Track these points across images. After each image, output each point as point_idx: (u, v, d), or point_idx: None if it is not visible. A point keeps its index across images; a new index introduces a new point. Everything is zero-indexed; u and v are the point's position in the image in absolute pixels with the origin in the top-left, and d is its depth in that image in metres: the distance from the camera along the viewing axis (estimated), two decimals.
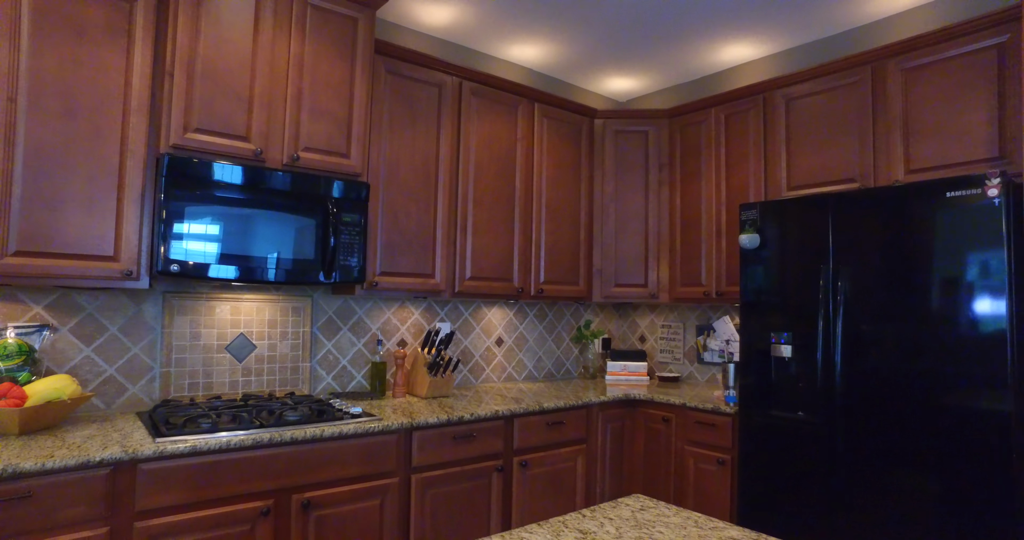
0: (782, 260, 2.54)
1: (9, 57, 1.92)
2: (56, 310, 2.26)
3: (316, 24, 2.47)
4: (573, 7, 2.97)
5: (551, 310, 3.76)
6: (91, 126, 2.06)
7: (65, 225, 2.01)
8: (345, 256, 2.43)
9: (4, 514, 1.61)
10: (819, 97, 2.85)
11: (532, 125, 3.28)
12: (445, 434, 2.45)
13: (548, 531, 1.23)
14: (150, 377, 2.44)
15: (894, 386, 2.19)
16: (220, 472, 1.95)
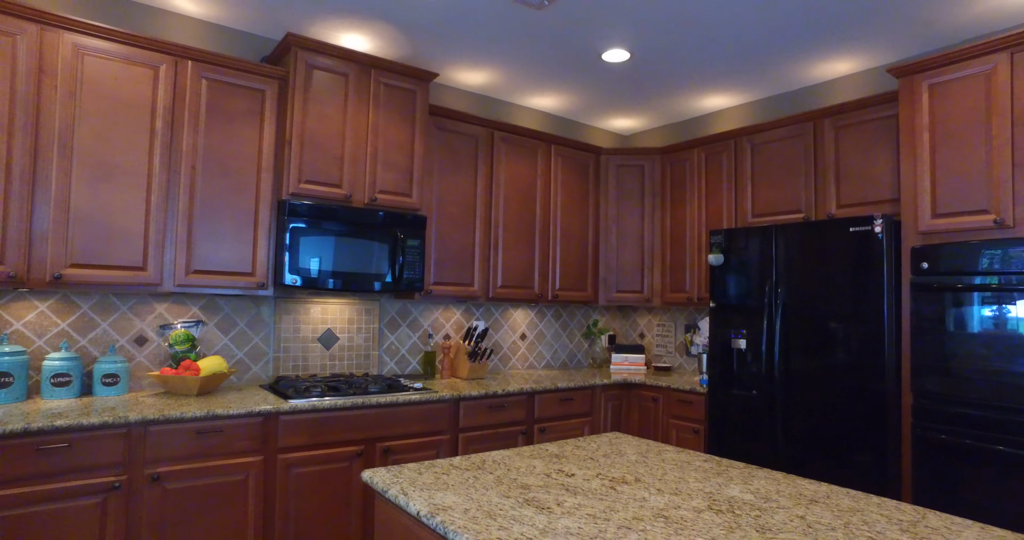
0: (739, 274, 3.33)
1: (192, 138, 2.80)
2: (205, 310, 3.14)
3: (386, 98, 3.32)
4: (579, 70, 3.79)
5: (565, 311, 4.58)
6: (237, 182, 2.93)
7: (220, 251, 2.88)
8: (409, 271, 3.28)
9: (207, 440, 2.48)
10: (775, 144, 3.63)
11: (549, 163, 4.10)
12: (483, 404, 3.28)
13: (556, 445, 2.05)
14: (266, 360, 3.31)
15: (815, 369, 2.97)
16: (328, 425, 2.80)
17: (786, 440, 3.07)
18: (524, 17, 3.10)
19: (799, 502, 1.51)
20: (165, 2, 3.04)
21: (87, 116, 2.59)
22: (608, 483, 1.63)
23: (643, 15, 3.04)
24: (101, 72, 2.62)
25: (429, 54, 3.58)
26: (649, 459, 1.90)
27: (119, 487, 2.32)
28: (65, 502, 2.22)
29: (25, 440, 2.15)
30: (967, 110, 2.65)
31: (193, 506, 2.46)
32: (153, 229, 2.73)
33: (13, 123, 2.42)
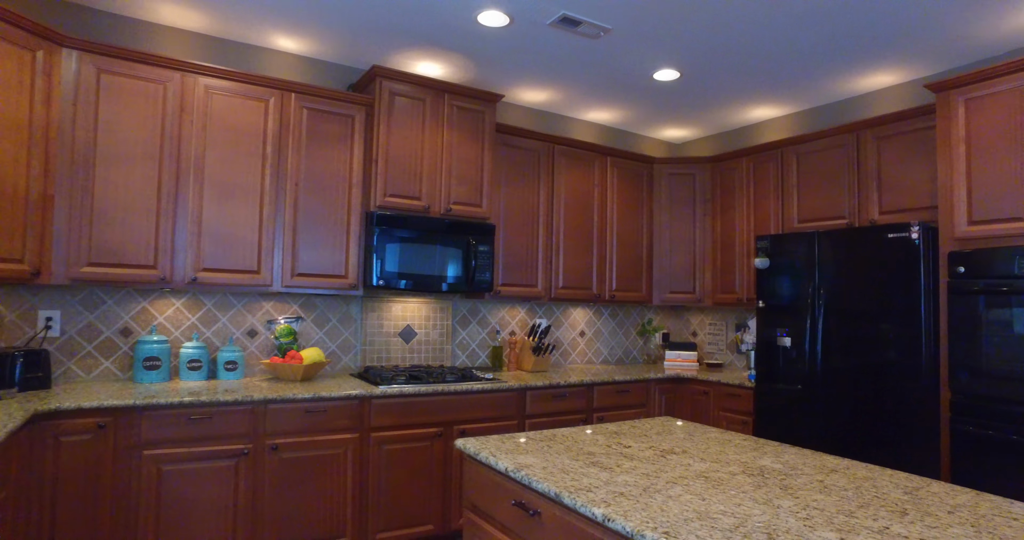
0: (784, 277, 3.57)
1: (295, 160, 3.26)
2: (303, 307, 3.62)
3: (458, 119, 3.72)
4: (631, 88, 4.10)
5: (621, 310, 4.89)
6: (331, 196, 3.38)
7: (318, 257, 3.33)
8: (481, 273, 3.66)
9: (313, 418, 2.93)
10: (820, 154, 3.85)
11: (605, 173, 4.42)
12: (547, 394, 3.64)
13: (615, 425, 2.38)
14: (354, 352, 3.76)
15: (855, 365, 3.20)
16: (412, 408, 3.21)
17: (828, 432, 3.30)
18: (581, 45, 3.44)
19: (821, 471, 1.80)
20: (271, 42, 3.53)
21: (214, 144, 3.08)
22: (659, 453, 1.96)
23: (691, 40, 3.33)
24: (224, 107, 3.11)
25: (495, 77, 3.96)
26: (695, 437, 2.21)
27: (247, 453, 2.79)
28: (208, 462, 2.70)
29: (180, 411, 2.64)
30: (1001, 123, 2.84)
31: (303, 472, 2.91)
32: (265, 238, 3.20)
33: (163, 154, 2.93)
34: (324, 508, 2.96)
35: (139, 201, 2.90)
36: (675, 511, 1.40)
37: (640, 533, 1.28)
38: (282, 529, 2.86)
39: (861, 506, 1.47)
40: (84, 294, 3.08)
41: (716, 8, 2.98)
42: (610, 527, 1.37)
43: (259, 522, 2.81)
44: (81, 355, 3.07)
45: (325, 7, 3.08)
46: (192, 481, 2.68)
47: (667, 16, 3.07)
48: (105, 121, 2.84)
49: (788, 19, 3.07)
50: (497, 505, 1.84)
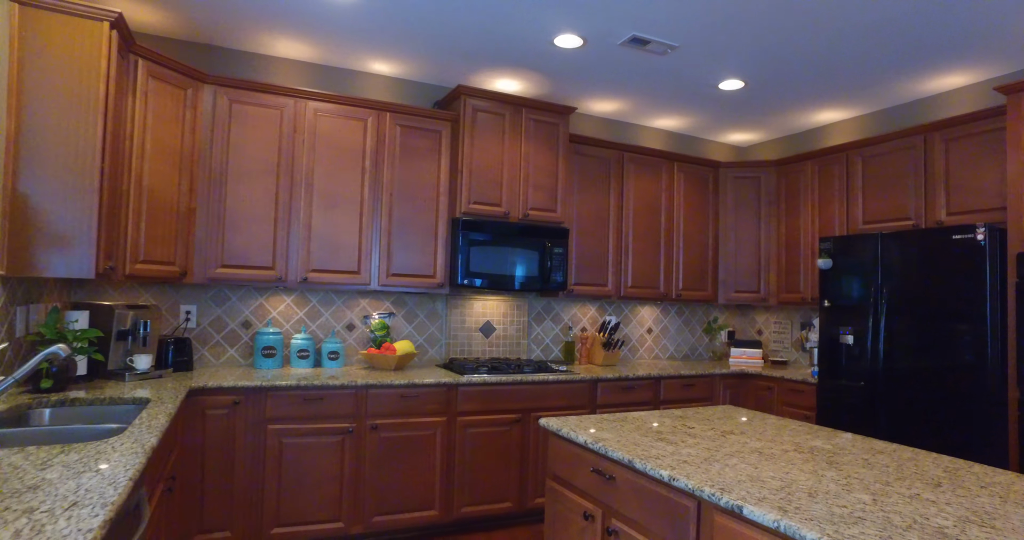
0: (847, 277, 3.70)
1: (390, 172, 3.66)
2: (395, 304, 4.02)
3: (535, 131, 4.03)
4: (697, 97, 4.29)
5: (687, 309, 5.08)
6: (421, 205, 3.76)
7: (409, 259, 3.72)
8: (556, 273, 3.96)
9: (407, 403, 3.31)
10: (886, 157, 3.93)
11: (672, 178, 4.63)
12: (616, 386, 3.90)
13: (680, 411, 2.63)
14: (440, 345, 4.14)
15: (918, 364, 3.30)
16: (494, 396, 3.54)
17: (890, 429, 3.41)
18: (649, 61, 3.69)
19: (867, 451, 2.00)
20: (367, 67, 3.95)
21: (320, 160, 3.51)
22: (719, 433, 2.20)
23: (755, 52, 3.51)
24: (330, 127, 3.54)
25: (568, 91, 4.25)
26: (754, 422, 2.44)
27: (351, 431, 3.20)
28: (320, 437, 3.12)
29: (296, 393, 3.07)
30: None
31: (398, 450, 3.30)
32: (364, 242, 3.61)
33: (279, 170, 3.39)
34: (416, 482, 3.34)
35: (260, 211, 3.37)
36: (730, 475, 1.66)
37: (699, 489, 1.55)
38: (381, 498, 3.25)
39: (899, 479, 1.68)
40: (214, 292, 3.58)
41: (780, 24, 3.16)
42: (675, 485, 1.64)
43: (361, 490, 3.22)
44: (212, 344, 3.57)
45: (415, 35, 3.45)
46: (307, 452, 3.10)
47: (732, 32, 3.28)
48: (234, 143, 3.31)
49: (854, 29, 3.21)
50: (576, 473, 2.14)
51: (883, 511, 1.40)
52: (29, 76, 2.37)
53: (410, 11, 3.15)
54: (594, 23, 3.22)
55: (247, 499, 3.00)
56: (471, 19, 3.22)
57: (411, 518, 3.32)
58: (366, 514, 3.22)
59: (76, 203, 2.43)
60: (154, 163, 2.97)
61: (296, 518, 3.08)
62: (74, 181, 2.42)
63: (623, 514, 1.89)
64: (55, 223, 2.40)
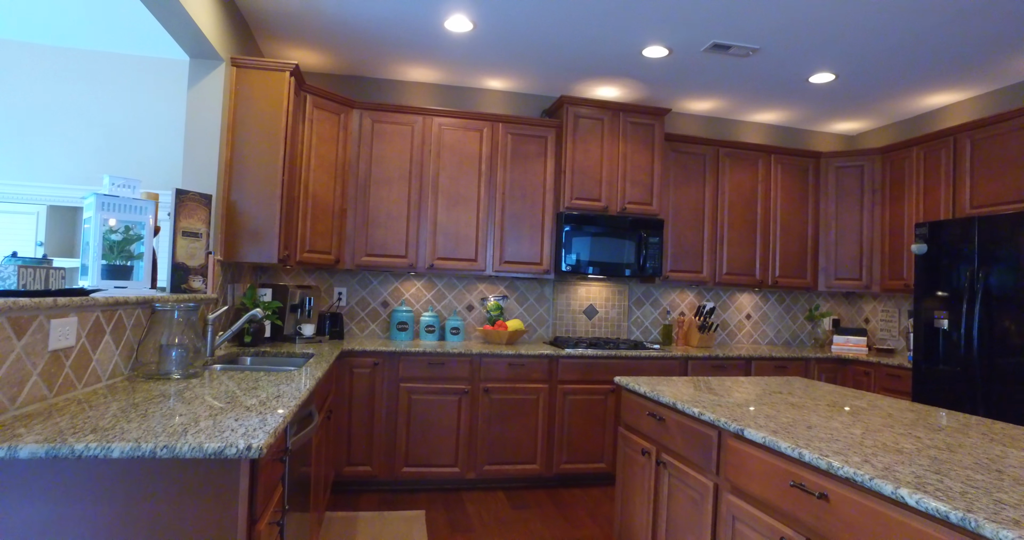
0: (942, 262, 3.74)
1: (503, 175, 4.26)
2: (508, 288, 4.62)
3: (631, 132, 4.44)
4: (789, 92, 4.47)
5: (788, 296, 5.22)
6: (530, 202, 4.32)
7: (519, 248, 4.29)
8: (651, 261, 4.36)
9: (515, 371, 3.89)
10: (999, 138, 3.88)
11: (768, 170, 4.82)
12: (706, 364, 4.21)
13: (742, 377, 2.96)
14: (547, 325, 4.68)
15: (1012, 348, 3.32)
16: (591, 368, 4.02)
17: (984, 413, 3.45)
18: (733, 63, 3.97)
19: (897, 409, 2.26)
20: (483, 84, 4.58)
21: (444, 167, 4.19)
22: (767, 392, 2.54)
23: (841, 46, 3.69)
24: (452, 138, 4.21)
25: (662, 94, 4.61)
26: (808, 388, 2.73)
27: (467, 392, 3.83)
28: (441, 396, 3.79)
29: (423, 358, 3.77)
30: None
31: (507, 411, 3.88)
32: (480, 235, 4.24)
33: (411, 176, 4.11)
34: (521, 439, 3.91)
35: (396, 210, 4.10)
36: (751, 415, 2.04)
37: (719, 420, 1.96)
38: (491, 451, 3.86)
39: (907, 425, 1.97)
40: (360, 276, 4.39)
41: (861, 18, 3.34)
42: (702, 419, 2.06)
43: (475, 443, 3.84)
44: (357, 319, 4.38)
45: (522, 56, 4.01)
46: (431, 408, 3.78)
47: (811, 30, 3.50)
48: (376, 156, 4.08)
49: (942, 16, 3.31)
50: (639, 418, 2.59)
51: (865, 440, 1.74)
52: (239, 118, 3.24)
53: (515, 36, 3.72)
54: (676, 34, 3.59)
55: (384, 442, 3.73)
56: (567, 39, 3.72)
57: (516, 469, 3.90)
58: (478, 463, 3.84)
59: (266, 208, 3.26)
60: (317, 174, 3.79)
61: (422, 461, 3.77)
62: (265, 191, 3.26)
63: (669, 449, 2.32)
64: (252, 223, 3.25)
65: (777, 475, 1.70)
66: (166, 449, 1.33)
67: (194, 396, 1.88)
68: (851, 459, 1.50)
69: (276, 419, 1.62)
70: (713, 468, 2.02)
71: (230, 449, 1.36)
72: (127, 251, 2.37)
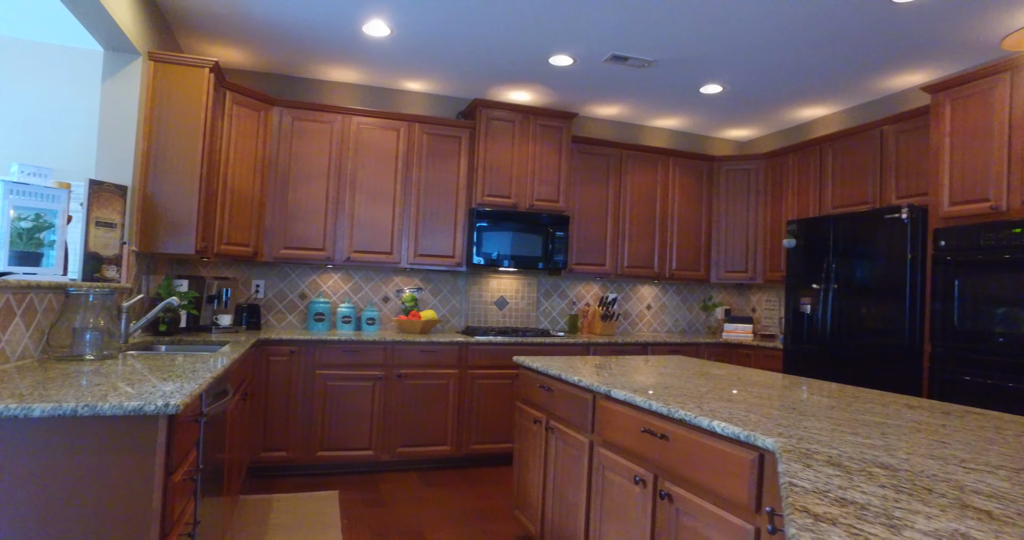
0: (806, 255, 4.24)
1: (418, 172, 4.48)
2: (423, 280, 4.84)
3: (541, 134, 4.76)
4: (684, 100, 4.91)
5: (686, 288, 5.69)
6: (444, 198, 4.56)
7: (433, 242, 4.52)
8: (557, 254, 4.68)
9: (427, 357, 4.12)
10: (852, 148, 4.43)
11: (668, 172, 5.26)
12: (608, 349, 4.58)
13: (629, 356, 3.31)
14: (460, 316, 4.94)
15: (857, 327, 3.84)
16: (499, 354, 4.30)
17: (834, 373, 3.96)
18: (634, 72, 4.35)
19: (747, 374, 2.65)
20: (402, 86, 4.79)
21: (363, 164, 4.37)
22: (647, 365, 2.88)
23: (727, 62, 4.12)
24: (370, 137, 4.39)
25: (571, 99, 4.95)
26: (683, 362, 3.10)
27: (381, 378, 4.03)
28: (355, 382, 3.97)
29: (339, 346, 3.94)
30: (976, 119, 3.39)
31: (419, 395, 4.11)
32: (397, 229, 4.45)
33: (330, 173, 4.27)
34: (433, 422, 4.14)
35: (315, 205, 4.25)
36: (623, 381, 2.37)
37: (593, 385, 2.27)
38: (404, 433, 4.07)
39: (747, 384, 2.34)
40: (278, 269, 4.50)
41: (745, 39, 3.77)
42: (581, 385, 2.37)
43: (389, 426, 4.04)
44: (275, 311, 4.49)
45: (438, 60, 4.25)
46: (347, 394, 3.96)
47: (701, 47, 3.91)
48: (296, 152, 4.21)
49: (817, 39, 3.78)
50: (532, 391, 2.88)
51: (706, 394, 2.09)
52: (156, 111, 3.32)
53: (431, 42, 3.95)
54: (579, 45, 3.93)
55: (300, 427, 3.88)
56: (480, 46, 3.99)
57: (429, 451, 4.13)
58: (392, 445, 4.05)
59: (184, 200, 3.36)
60: (237, 169, 3.89)
61: (338, 445, 3.94)
62: (183, 184, 3.35)
63: (556, 415, 2.62)
64: (170, 215, 3.34)
65: (633, 425, 2.02)
66: (87, 407, 1.49)
67: (110, 372, 2.01)
68: (687, 405, 1.82)
69: (192, 385, 1.79)
70: (589, 427, 2.33)
71: (149, 406, 1.53)
72: (36, 239, 2.45)
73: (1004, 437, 1.54)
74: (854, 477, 1.14)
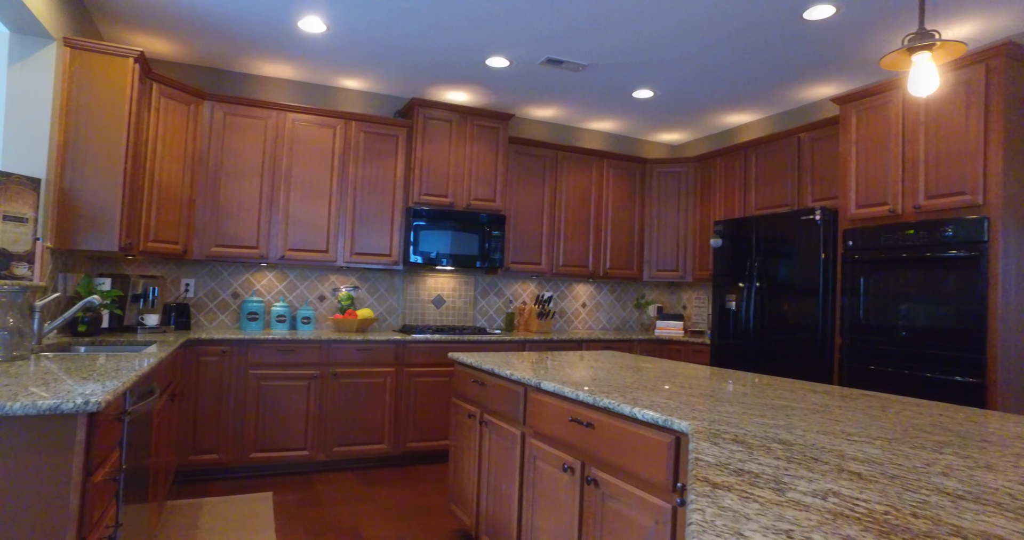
0: (731, 254, 4.46)
1: (355, 170, 4.46)
2: (360, 279, 4.82)
3: (478, 134, 4.81)
4: (618, 104, 5.07)
5: (620, 286, 5.86)
6: (380, 196, 4.55)
7: (370, 240, 4.51)
8: (492, 253, 4.75)
9: (364, 356, 4.10)
10: (773, 153, 4.69)
11: (603, 173, 5.41)
12: (543, 346, 4.68)
13: (562, 352, 3.40)
14: (397, 314, 4.93)
15: (776, 322, 4.07)
16: (436, 351, 4.33)
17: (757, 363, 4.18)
18: (569, 75, 4.46)
19: (674, 367, 2.78)
20: (340, 83, 4.75)
21: (298, 161, 4.31)
22: (581, 360, 2.98)
23: (657, 68, 4.28)
24: (306, 134, 4.34)
25: (508, 100, 5.03)
26: (613, 356, 3.21)
27: (317, 377, 3.99)
28: (290, 381, 3.92)
29: (273, 345, 3.87)
30: (876, 130, 3.66)
31: (356, 393, 4.09)
32: (333, 227, 4.41)
33: (263, 170, 4.19)
34: (370, 421, 4.13)
35: (248, 201, 4.17)
36: (554, 374, 2.45)
37: (525, 379, 2.34)
38: (340, 432, 4.05)
39: (671, 375, 2.46)
40: (209, 267, 4.38)
41: (674, 48, 3.93)
42: (514, 378, 2.43)
43: (325, 425, 4.01)
44: (206, 310, 4.38)
45: (375, 58, 4.24)
46: (281, 393, 3.90)
47: (633, 53, 4.05)
48: (229, 148, 4.12)
49: (740, 50, 3.98)
50: (466, 387, 2.93)
51: (632, 385, 2.19)
52: (74, 101, 3.18)
53: (368, 40, 3.94)
54: (515, 48, 4.00)
55: (232, 428, 3.80)
56: (418, 46, 4.01)
57: (366, 450, 4.12)
58: (328, 445, 4.02)
59: (106, 195, 3.24)
60: (164, 163, 3.78)
61: (272, 445, 3.88)
62: (105, 178, 3.23)
63: (490, 409, 2.68)
64: (90, 210, 3.21)
65: (562, 415, 2.10)
66: None
67: (21, 373, 1.94)
68: (612, 395, 1.91)
69: (115, 383, 1.75)
70: (521, 419, 2.40)
71: (67, 404, 1.50)
72: None
73: (887, 415, 1.70)
74: (754, 452, 1.24)
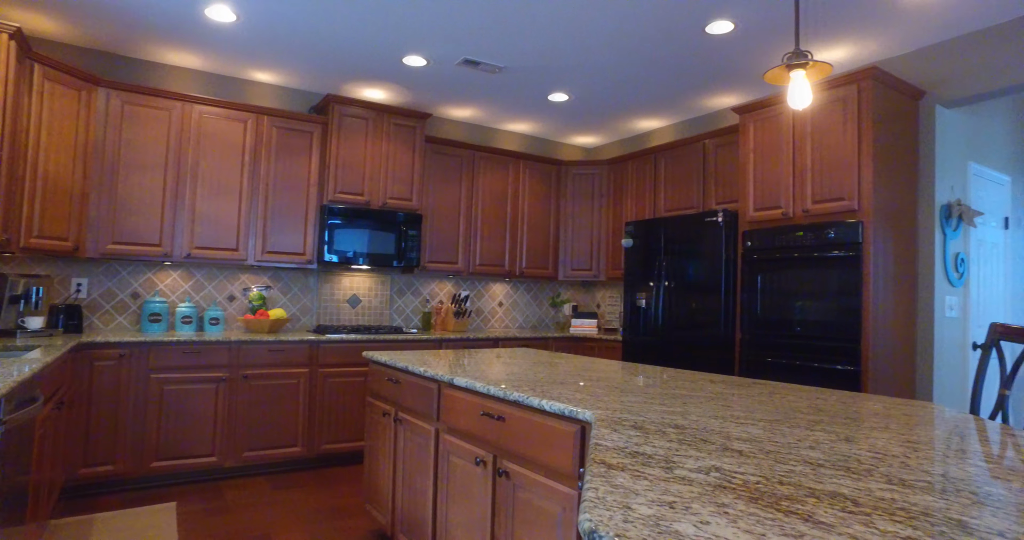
0: (641, 254, 4.66)
1: (267, 166, 4.32)
2: (272, 278, 4.67)
3: (395, 133, 4.78)
4: (535, 106, 5.18)
5: (536, 286, 5.98)
6: (295, 194, 4.44)
7: (283, 239, 4.39)
8: (409, 252, 4.73)
9: (276, 357, 3.99)
10: (680, 158, 4.93)
11: (519, 174, 5.50)
12: (460, 344, 4.70)
13: (479, 351, 3.45)
14: (311, 314, 4.82)
15: (683, 319, 4.29)
16: (351, 352, 4.27)
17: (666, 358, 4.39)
18: (486, 77, 4.52)
19: (586, 363, 2.88)
20: (251, 76, 4.59)
21: (206, 155, 4.13)
22: (496, 358, 3.03)
23: (571, 73, 4.41)
24: (214, 127, 4.16)
25: (426, 100, 5.03)
26: (527, 353, 3.29)
27: (225, 380, 3.84)
28: (197, 385, 3.76)
29: (178, 347, 3.70)
30: (771, 138, 3.93)
31: (267, 396, 3.97)
32: (243, 225, 4.25)
33: (167, 163, 3.99)
34: (283, 423, 4.02)
35: (150, 197, 3.95)
36: (468, 371, 2.48)
37: (439, 375, 2.36)
38: (251, 437, 3.92)
39: (582, 370, 2.55)
40: (105, 266, 4.13)
41: (586, 56, 4.05)
42: (427, 376, 2.45)
43: (234, 430, 3.87)
44: (101, 312, 4.12)
45: (289, 51, 4.13)
46: (186, 398, 3.73)
47: (548, 58, 4.14)
48: (128, 139, 3.89)
49: (649, 62, 4.15)
50: (381, 385, 2.92)
51: (543, 379, 2.26)
52: None
53: (280, 32, 3.83)
54: (432, 47, 4.01)
55: (130, 437, 3.60)
56: (332, 41, 3.94)
57: (278, 453, 4.00)
58: (238, 450, 3.88)
59: None
60: (51, 153, 3.52)
61: (176, 453, 3.71)
62: None
63: (404, 406, 2.69)
64: None
65: (474, 410, 2.14)
66: None
67: None
68: (522, 388, 1.97)
69: None
70: (434, 415, 2.42)
71: None
72: None
73: (774, 400, 1.85)
74: (650, 436, 1.33)
